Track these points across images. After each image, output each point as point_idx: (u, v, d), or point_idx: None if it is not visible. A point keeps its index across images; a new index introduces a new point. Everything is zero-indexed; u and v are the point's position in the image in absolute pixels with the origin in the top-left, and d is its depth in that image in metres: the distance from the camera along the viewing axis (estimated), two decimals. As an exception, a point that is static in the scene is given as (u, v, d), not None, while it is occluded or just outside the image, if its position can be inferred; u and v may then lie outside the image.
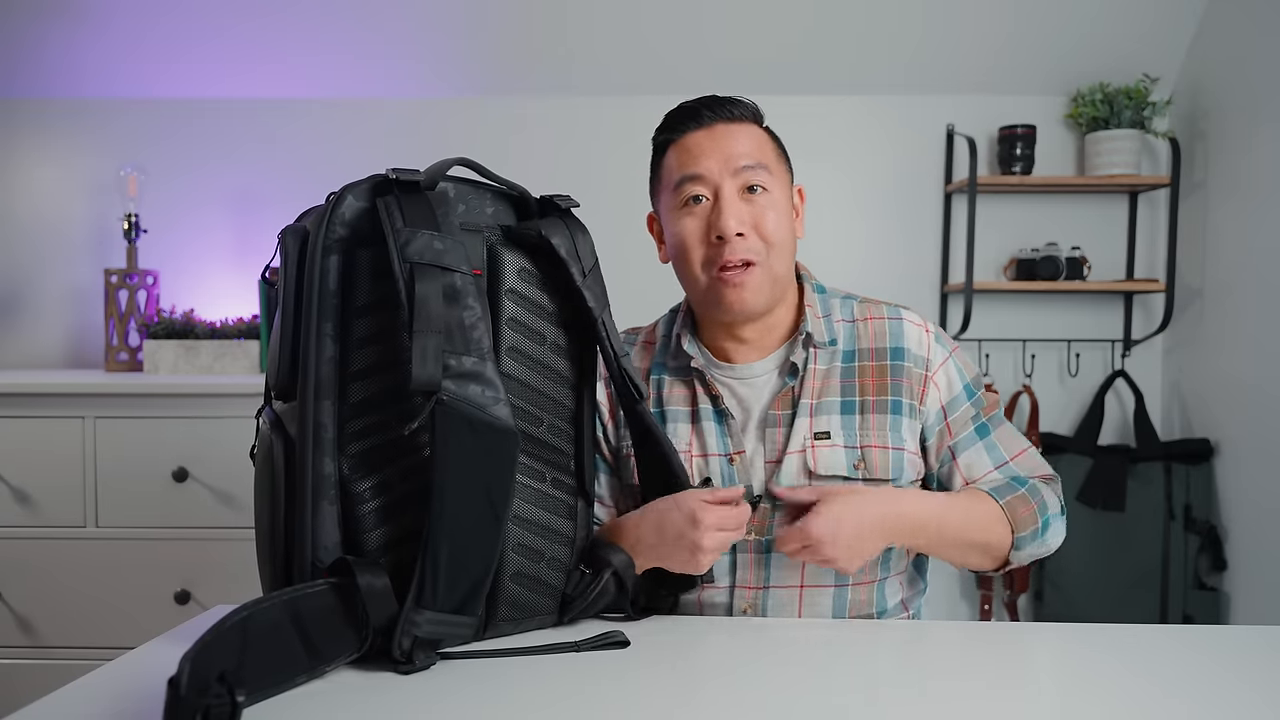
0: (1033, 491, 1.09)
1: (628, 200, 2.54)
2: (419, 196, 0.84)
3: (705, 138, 1.09)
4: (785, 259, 1.10)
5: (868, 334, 1.13)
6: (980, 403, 1.14)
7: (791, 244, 1.11)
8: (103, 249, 2.56)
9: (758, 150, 1.09)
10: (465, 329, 0.81)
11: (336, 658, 0.80)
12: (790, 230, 1.10)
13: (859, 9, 2.38)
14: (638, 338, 1.24)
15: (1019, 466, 1.13)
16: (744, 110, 1.12)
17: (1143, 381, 2.54)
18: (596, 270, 0.96)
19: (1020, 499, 1.08)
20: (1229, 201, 2.31)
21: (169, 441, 2.06)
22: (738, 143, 1.08)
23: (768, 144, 1.12)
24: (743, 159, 1.07)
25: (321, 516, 0.82)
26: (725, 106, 1.10)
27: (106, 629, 2.06)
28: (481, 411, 0.81)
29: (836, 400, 1.09)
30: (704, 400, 1.13)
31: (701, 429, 1.12)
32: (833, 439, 1.08)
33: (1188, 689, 0.82)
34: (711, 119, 1.10)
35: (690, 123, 1.10)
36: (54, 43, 2.43)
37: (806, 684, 0.82)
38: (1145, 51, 2.43)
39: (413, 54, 2.47)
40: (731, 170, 1.07)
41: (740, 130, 1.10)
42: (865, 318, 1.14)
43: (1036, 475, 1.13)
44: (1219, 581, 2.37)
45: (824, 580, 1.07)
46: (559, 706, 0.76)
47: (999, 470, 1.12)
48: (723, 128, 1.09)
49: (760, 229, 1.07)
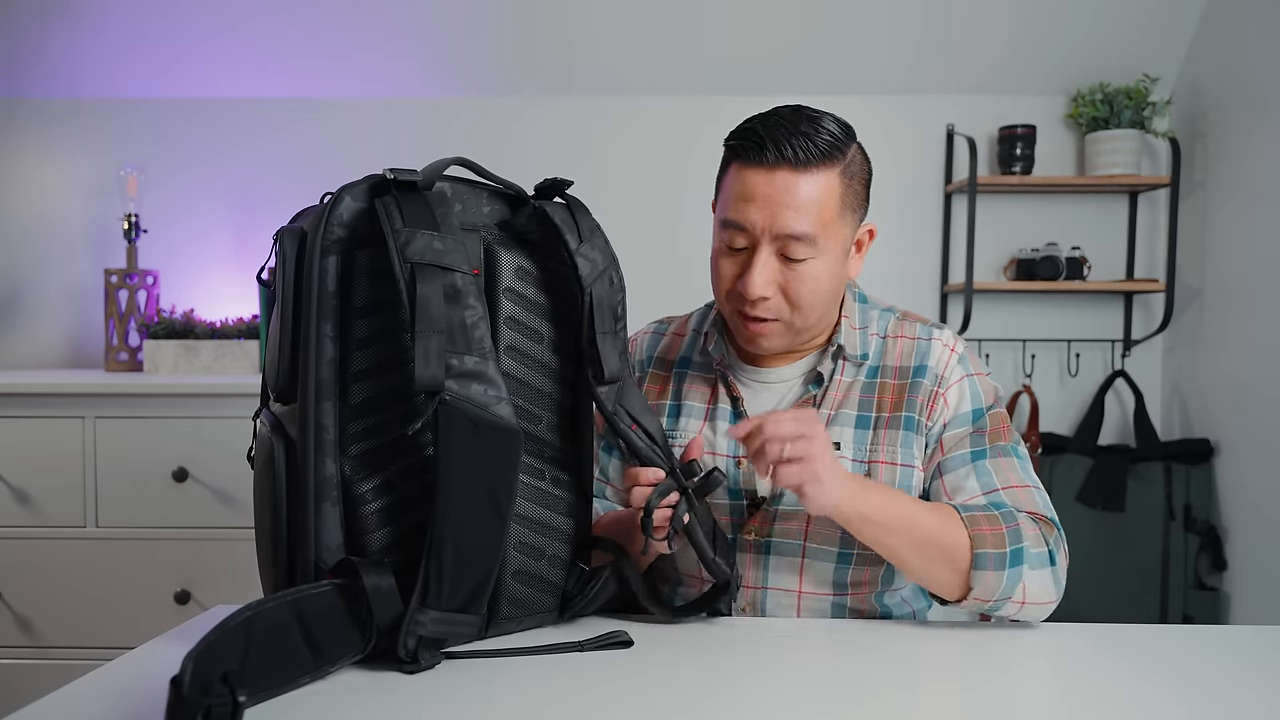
0: (1008, 517, 0.98)
1: (627, 200, 2.54)
2: (417, 196, 0.84)
3: (764, 182, 0.99)
4: (815, 315, 1.05)
5: (895, 351, 1.10)
6: (985, 425, 1.07)
7: (829, 300, 1.05)
8: (103, 249, 2.56)
9: (815, 211, 0.99)
10: (467, 329, 0.81)
11: (340, 658, 0.80)
12: (830, 291, 1.04)
13: (859, 9, 2.38)
14: (668, 328, 1.23)
15: (1009, 497, 1.03)
16: (816, 152, 0.98)
17: (1143, 381, 2.54)
18: (597, 240, 0.94)
19: (988, 518, 0.98)
20: (1229, 201, 2.32)
21: (169, 441, 2.06)
22: (793, 201, 0.98)
23: (834, 195, 1.01)
24: (790, 226, 0.99)
25: (324, 518, 0.82)
26: (796, 145, 0.98)
27: (106, 629, 2.06)
28: (484, 411, 0.81)
29: (853, 414, 1.08)
30: (724, 400, 1.12)
31: (715, 428, 1.11)
32: (842, 451, 1.06)
33: (1188, 689, 0.83)
34: (775, 160, 0.98)
35: (756, 151, 0.99)
36: (54, 43, 2.43)
37: (808, 684, 0.83)
38: (1145, 51, 2.44)
39: (412, 54, 2.47)
40: (774, 234, 1.00)
41: (804, 182, 0.98)
42: (898, 335, 1.11)
43: (1026, 511, 1.02)
44: (1219, 581, 2.37)
45: (822, 587, 1.07)
46: (563, 706, 0.76)
47: (986, 496, 1.03)
48: (785, 176, 0.98)
49: (789, 293, 1.02)
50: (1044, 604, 0.99)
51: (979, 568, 0.96)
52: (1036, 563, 0.97)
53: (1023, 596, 0.97)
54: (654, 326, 1.25)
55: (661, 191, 2.56)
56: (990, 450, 1.06)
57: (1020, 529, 0.97)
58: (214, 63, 2.48)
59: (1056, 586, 0.99)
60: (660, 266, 2.50)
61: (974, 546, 0.96)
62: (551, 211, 0.92)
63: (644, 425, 0.97)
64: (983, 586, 0.96)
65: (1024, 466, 1.06)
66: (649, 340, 1.23)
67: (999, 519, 0.98)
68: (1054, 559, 0.99)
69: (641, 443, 0.96)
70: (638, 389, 1.00)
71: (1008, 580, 0.96)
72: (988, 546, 0.96)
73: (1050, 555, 0.99)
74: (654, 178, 2.56)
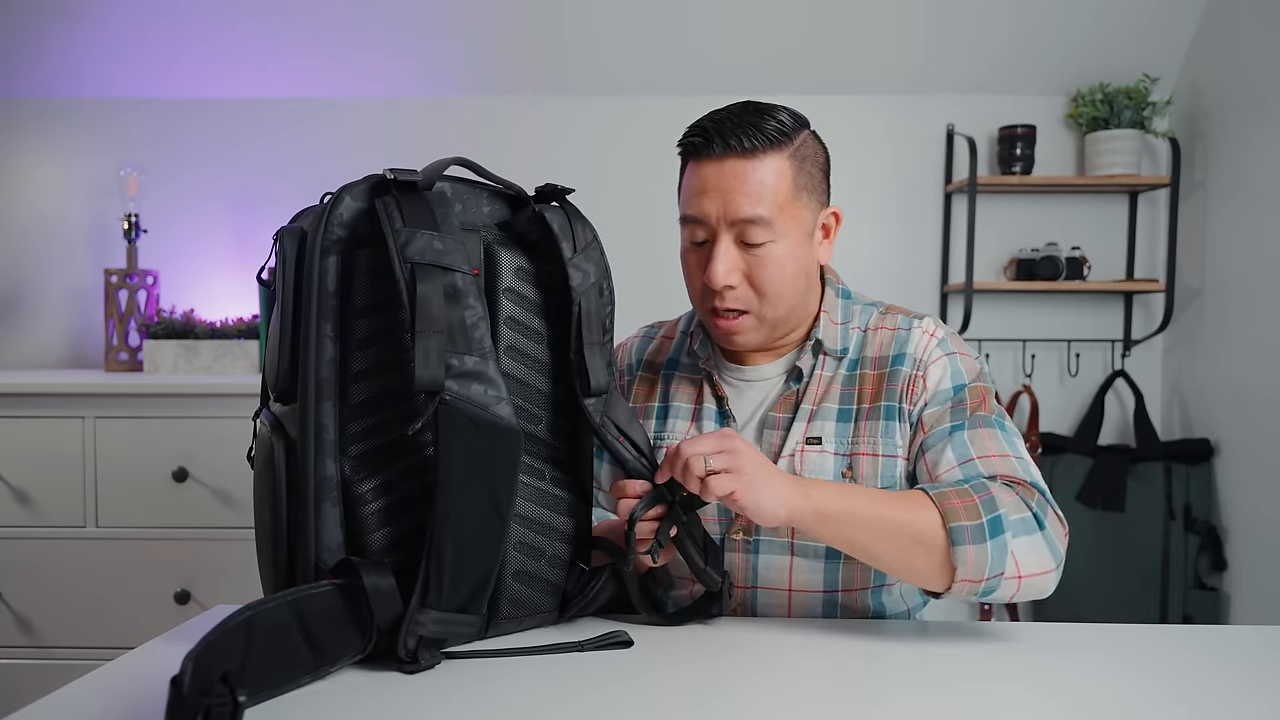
0: (979, 487, 0.93)
1: (625, 200, 2.54)
2: (417, 196, 0.84)
3: (714, 173, 1.01)
4: (785, 303, 1.05)
5: (875, 343, 1.09)
6: (965, 399, 1.03)
7: (796, 288, 1.05)
8: (103, 249, 2.56)
9: (767, 195, 1.00)
10: (467, 328, 0.81)
11: (340, 658, 0.80)
12: (796, 276, 1.04)
13: (859, 9, 2.38)
14: (658, 331, 1.25)
15: (986, 466, 0.98)
16: (762, 139, 1.00)
17: (1143, 381, 2.54)
18: (593, 250, 0.95)
19: (958, 491, 0.93)
20: (1229, 201, 2.32)
21: (169, 441, 2.06)
22: (744, 186, 0.99)
23: (785, 178, 1.01)
24: (744, 210, 0.99)
25: (324, 518, 0.82)
26: (742, 134, 0.99)
27: (107, 629, 2.06)
28: (484, 411, 0.81)
29: (835, 407, 1.07)
30: (709, 400, 1.12)
31: (702, 428, 1.11)
32: (824, 445, 1.05)
33: (1188, 689, 0.83)
34: (722, 150, 1.00)
35: (704, 146, 1.01)
36: (54, 43, 2.43)
37: (809, 684, 0.82)
38: (1145, 51, 2.44)
39: (411, 54, 2.47)
40: (729, 220, 1.00)
41: (753, 168, 0.99)
42: (879, 327, 1.10)
43: (1004, 477, 0.97)
44: (1219, 581, 2.37)
45: (813, 586, 1.07)
46: (563, 706, 0.76)
47: (961, 467, 0.99)
48: (734, 164, 1.00)
49: (753, 280, 1.02)
50: (1043, 574, 0.92)
51: (957, 543, 0.89)
52: (1020, 529, 0.91)
53: (1016, 570, 0.90)
54: (644, 330, 1.26)
55: (661, 191, 2.56)
56: (970, 422, 1.02)
57: (994, 497, 0.91)
58: (214, 63, 2.48)
59: (1053, 552, 0.92)
60: (658, 266, 2.50)
61: (946, 522, 0.90)
62: (550, 218, 0.92)
63: (630, 437, 0.97)
64: (966, 565, 0.90)
65: (1007, 438, 1.01)
66: (638, 344, 1.24)
67: (969, 490, 0.92)
68: (1041, 522, 0.92)
69: (628, 454, 0.96)
70: (624, 400, 1.00)
71: (993, 553, 0.89)
72: (962, 519, 0.90)
73: (1036, 519, 0.92)
74: (654, 178, 2.56)
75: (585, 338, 0.93)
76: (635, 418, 0.99)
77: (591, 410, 0.94)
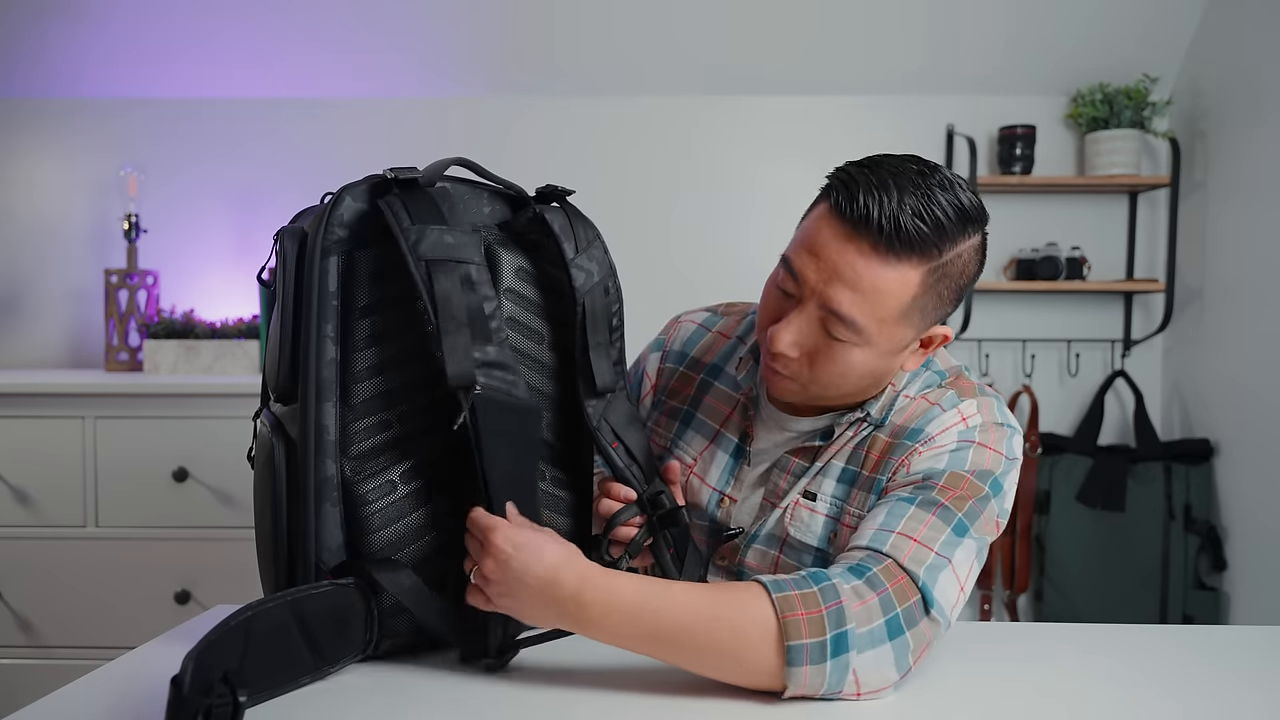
0: (828, 593, 0.78)
1: (624, 200, 2.54)
2: (421, 193, 0.84)
3: (835, 245, 0.86)
4: (837, 393, 0.94)
5: (907, 412, 0.96)
6: (939, 481, 0.88)
7: (857, 386, 0.94)
8: (103, 249, 2.56)
9: (874, 305, 0.86)
10: (485, 319, 0.82)
11: (341, 659, 0.80)
12: (861, 378, 0.92)
13: (859, 10, 2.38)
14: (718, 323, 1.15)
15: (893, 546, 0.82)
16: (908, 235, 0.84)
17: (1143, 381, 2.54)
18: (595, 249, 0.93)
19: (803, 597, 0.78)
20: (1229, 201, 2.32)
21: (169, 441, 2.06)
22: (856, 282, 0.85)
23: (906, 295, 0.87)
24: (841, 305, 0.86)
25: (324, 518, 0.83)
26: (888, 216, 0.84)
27: (106, 629, 2.06)
28: (509, 396, 0.82)
29: (841, 465, 0.98)
30: (733, 430, 1.06)
31: (713, 455, 1.07)
32: (817, 503, 0.98)
33: (1188, 689, 0.83)
34: (860, 227, 0.85)
35: (845, 201, 0.86)
36: (54, 43, 2.43)
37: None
38: (1145, 51, 2.44)
39: (411, 53, 2.47)
40: (820, 300, 0.88)
41: (878, 270, 0.85)
42: (922, 397, 0.97)
43: (896, 565, 0.81)
44: (1219, 581, 2.37)
45: None
46: (565, 706, 0.76)
47: (871, 539, 0.84)
48: (860, 249, 0.85)
49: (814, 362, 0.91)
50: (883, 689, 0.79)
51: (794, 664, 0.76)
52: (866, 643, 0.77)
53: (855, 687, 0.78)
54: (704, 317, 1.17)
55: (660, 192, 2.56)
56: (924, 500, 0.86)
57: (844, 608, 0.77)
58: (214, 63, 2.48)
59: (898, 665, 0.79)
60: (656, 266, 2.51)
61: (785, 639, 0.76)
62: (551, 219, 0.92)
63: (626, 442, 0.95)
64: (798, 684, 0.77)
65: (950, 536, 0.84)
66: (693, 333, 1.16)
67: (817, 597, 0.78)
68: (897, 630, 0.79)
69: (620, 461, 0.95)
70: (627, 401, 0.97)
71: (831, 673, 0.77)
72: (804, 636, 0.76)
73: (890, 626, 0.79)
74: (654, 177, 2.56)
75: (590, 338, 0.92)
76: (635, 420, 0.97)
77: (590, 413, 0.94)
